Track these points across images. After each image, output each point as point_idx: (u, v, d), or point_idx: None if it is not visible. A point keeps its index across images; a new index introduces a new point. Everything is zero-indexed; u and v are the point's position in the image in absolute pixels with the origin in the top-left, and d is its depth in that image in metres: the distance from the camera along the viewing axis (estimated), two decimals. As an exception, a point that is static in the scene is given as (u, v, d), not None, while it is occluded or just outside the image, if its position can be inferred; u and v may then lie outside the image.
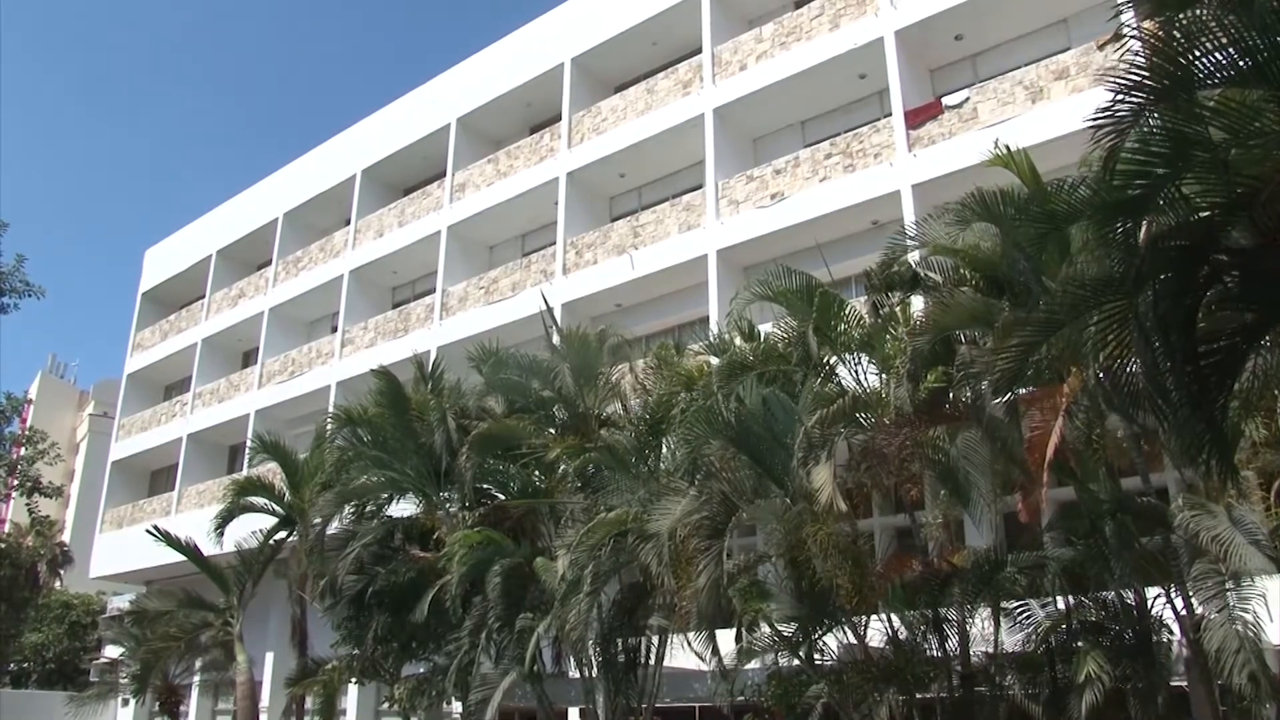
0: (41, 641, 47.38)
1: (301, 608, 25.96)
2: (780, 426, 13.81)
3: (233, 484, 28.03)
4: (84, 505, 56.98)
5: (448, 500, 20.36)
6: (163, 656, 27.05)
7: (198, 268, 41.79)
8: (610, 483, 16.61)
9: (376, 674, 21.65)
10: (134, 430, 41.97)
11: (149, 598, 31.05)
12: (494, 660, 17.75)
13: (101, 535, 40.92)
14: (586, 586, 15.02)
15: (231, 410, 36.39)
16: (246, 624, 27.08)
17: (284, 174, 39.24)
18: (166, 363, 42.06)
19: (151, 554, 31.44)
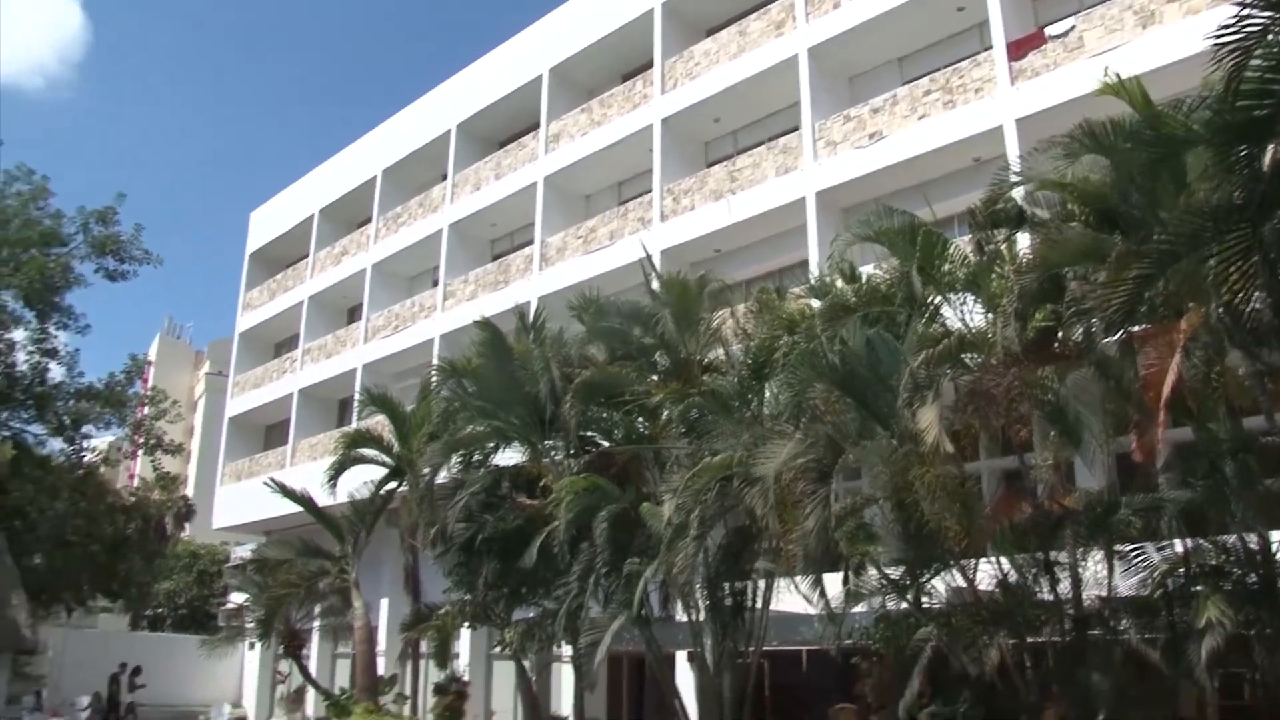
0: (173, 589, 49.47)
1: (413, 555, 26.63)
2: (885, 368, 13.68)
3: (343, 437, 28.78)
4: (204, 460, 58.99)
5: (553, 448, 20.62)
6: (284, 602, 28.05)
7: (301, 227, 42.65)
8: (714, 427, 16.62)
9: (488, 618, 22.13)
10: (247, 387, 43.21)
11: (269, 547, 32.14)
12: (602, 604, 18.00)
13: (222, 488, 42.38)
14: (692, 531, 15.10)
15: (339, 365, 37.23)
16: (361, 571, 27.90)
17: (381, 132, 39.72)
18: (275, 321, 43.13)
19: (269, 505, 32.52)
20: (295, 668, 31.20)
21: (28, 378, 31.68)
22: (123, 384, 33.24)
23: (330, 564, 28.24)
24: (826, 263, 17.55)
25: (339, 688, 29.33)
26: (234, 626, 33.38)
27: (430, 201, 35.82)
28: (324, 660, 34.77)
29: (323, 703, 29.04)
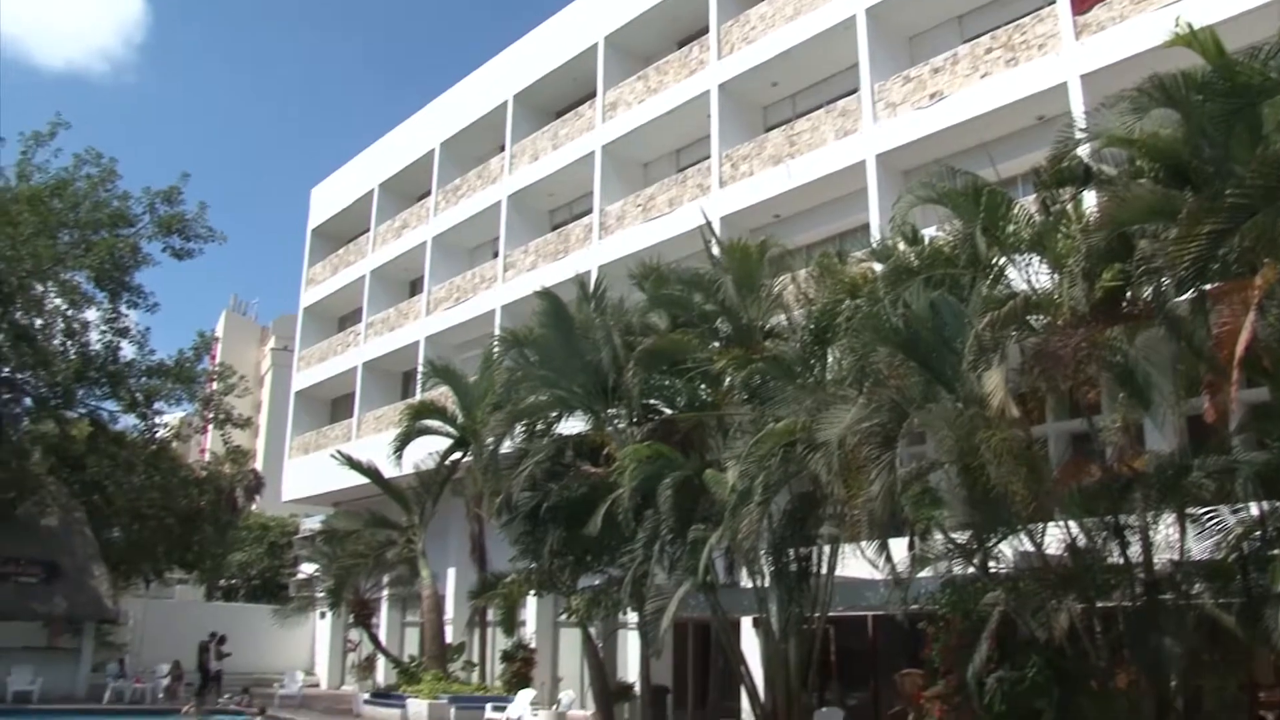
0: (245, 560, 50.51)
1: (479, 524, 26.97)
2: (949, 331, 13.53)
3: (408, 408, 29.16)
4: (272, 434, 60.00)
5: (615, 416, 20.70)
6: (353, 572, 28.59)
7: (361, 202, 43.03)
8: (777, 393, 16.57)
9: (554, 586, 22.34)
10: (313, 361, 43.83)
11: (337, 518, 32.74)
12: (667, 571, 18.08)
13: (290, 461, 43.12)
14: (757, 497, 15.10)
15: (402, 338, 37.62)
16: (428, 541, 28.32)
17: (438, 105, 39.87)
18: (338, 295, 43.64)
19: (337, 477, 33.07)
20: (365, 636, 31.83)
21: (101, 356, 32.36)
22: (192, 360, 33.82)
23: (397, 534, 28.71)
24: (888, 226, 17.38)
25: (408, 655, 29.84)
26: (304, 596, 34.06)
27: (489, 173, 35.95)
28: (393, 629, 35.34)
29: (392, 670, 29.57)
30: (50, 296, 31.52)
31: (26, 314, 30.84)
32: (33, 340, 30.49)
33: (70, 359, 31.05)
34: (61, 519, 30.57)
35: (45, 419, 32.46)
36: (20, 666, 27.14)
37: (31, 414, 32.38)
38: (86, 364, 31.65)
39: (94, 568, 29.92)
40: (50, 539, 29.81)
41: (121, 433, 34.05)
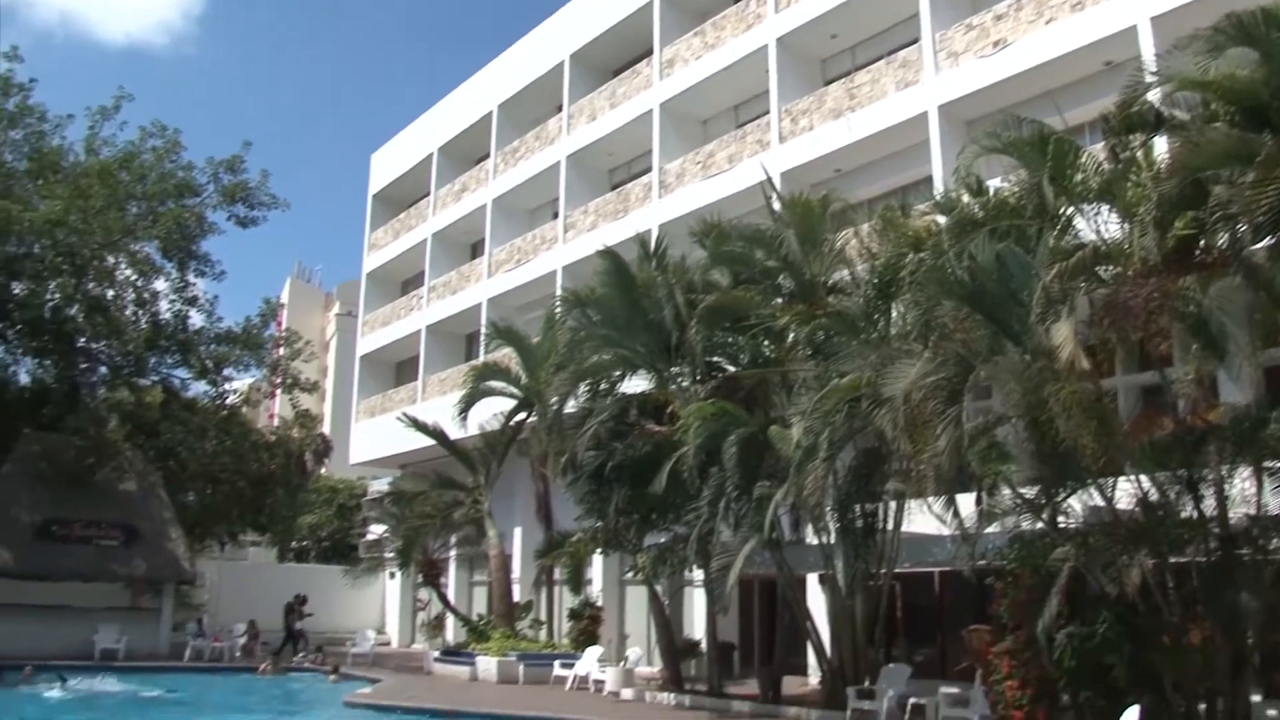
0: (315, 522, 51.43)
1: (544, 484, 27.18)
2: (1016, 283, 13.34)
3: (471, 370, 29.40)
4: (339, 398, 60.77)
5: (679, 374, 20.73)
6: (421, 533, 29.01)
7: (421, 166, 43.21)
8: (840, 349, 16.50)
9: (619, 544, 22.48)
10: (376, 326, 44.29)
11: (404, 480, 33.18)
12: (733, 528, 18.12)
13: (357, 425, 43.71)
14: (822, 453, 15.06)
15: (464, 301, 37.85)
16: (494, 501, 28.62)
17: (495, 67, 39.82)
18: (400, 260, 43.98)
19: (403, 440, 33.49)
20: (434, 595, 32.29)
21: (171, 325, 33.00)
22: (258, 327, 34.36)
23: (464, 495, 29.05)
24: (952, 177, 17.14)
25: (476, 614, 30.23)
26: (374, 557, 34.63)
27: (547, 134, 35.92)
28: (461, 588, 35.82)
29: (462, 628, 30.00)
30: (121, 267, 32.16)
31: (99, 285, 31.52)
32: (106, 310, 31.16)
33: (141, 328, 31.69)
34: (139, 484, 31.29)
35: (120, 387, 33.24)
36: (106, 626, 27.95)
37: (106, 382, 33.17)
38: (157, 333, 32.29)
39: (171, 531, 30.63)
40: (128, 503, 30.55)
41: (193, 399, 34.75)
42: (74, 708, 20.69)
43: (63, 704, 21.04)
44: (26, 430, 30.91)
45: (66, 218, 28.89)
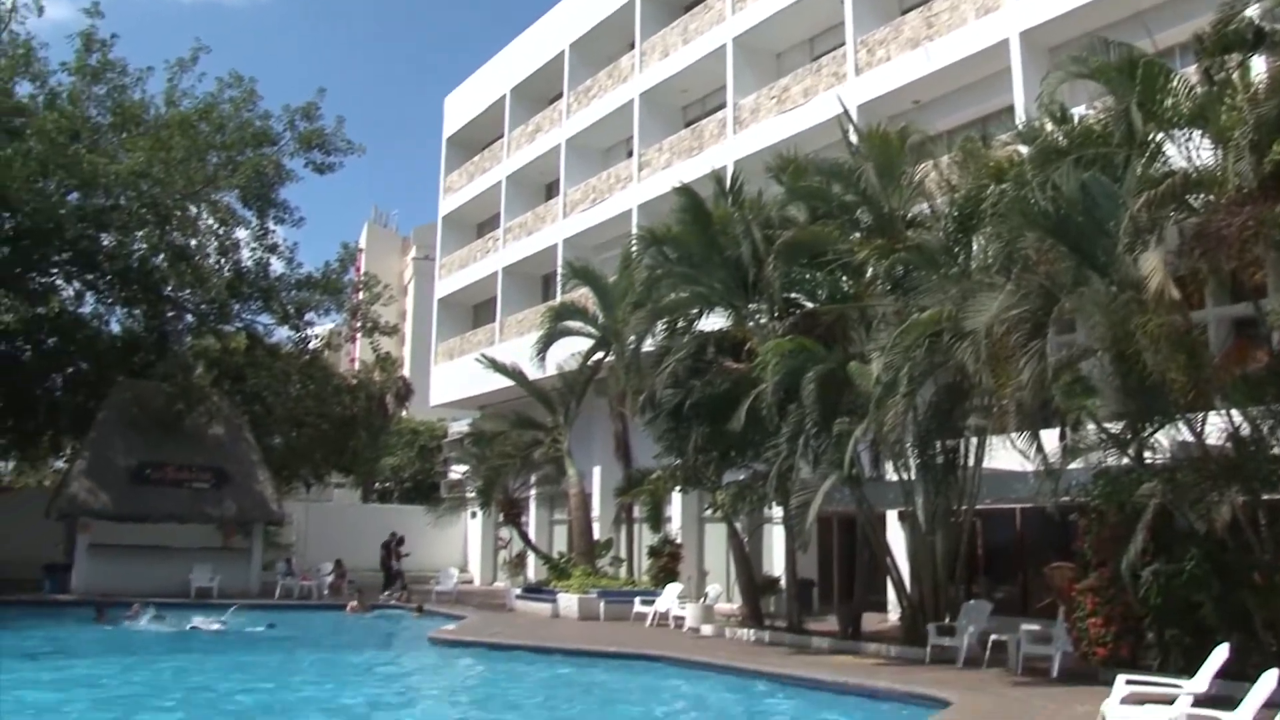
0: (397, 464, 52.48)
1: (623, 423, 27.34)
2: (1102, 213, 13.03)
3: (549, 311, 29.56)
4: (417, 341, 61.65)
5: (756, 311, 20.63)
6: (501, 473, 29.39)
7: (494, 108, 43.18)
8: (920, 283, 16.30)
9: (698, 482, 22.57)
10: (453, 268, 44.63)
11: (484, 421, 33.61)
12: (812, 465, 18.07)
13: (436, 367, 44.25)
14: (902, 389, 14.94)
15: (540, 242, 37.96)
16: (573, 440, 28.86)
17: (566, 5, 39.49)
18: (475, 202, 44.16)
19: (482, 381, 33.86)
20: (515, 534, 32.76)
21: (253, 272, 33.62)
22: (338, 272, 34.83)
23: (543, 434, 29.34)
24: (1035, 106, 16.71)
25: (557, 552, 30.64)
26: (456, 497, 35.23)
27: (619, 72, 35.64)
28: (541, 526, 36.29)
29: (542, 566, 30.42)
30: (203, 216, 32.77)
31: (182, 235, 32.17)
32: (190, 259, 31.81)
33: (225, 276, 32.31)
34: (226, 428, 32.09)
35: (205, 334, 34.03)
36: (200, 565, 28.86)
37: (193, 330, 34.00)
38: (240, 280, 32.93)
39: (258, 473, 31.42)
40: (218, 447, 31.37)
41: (276, 345, 35.46)
42: (182, 642, 21.45)
43: (171, 638, 21.84)
44: (119, 378, 31.84)
45: (149, 169, 29.47)
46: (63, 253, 31.70)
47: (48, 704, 14.18)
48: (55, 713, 13.78)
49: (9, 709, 13.67)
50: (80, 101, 31.27)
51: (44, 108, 30.50)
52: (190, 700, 14.70)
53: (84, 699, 14.76)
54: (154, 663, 18.56)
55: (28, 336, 31.65)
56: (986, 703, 12.51)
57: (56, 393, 35.06)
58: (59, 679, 16.30)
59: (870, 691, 14.19)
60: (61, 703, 14.39)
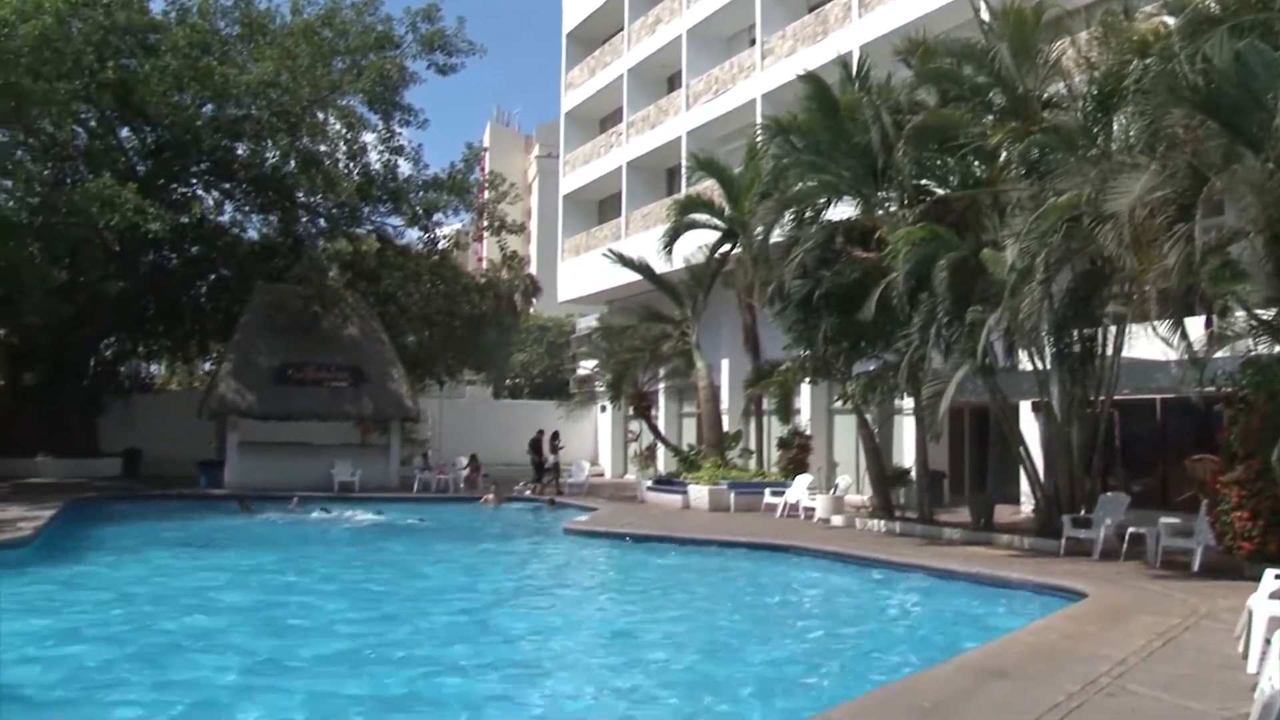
0: (527, 360, 53.41)
1: (751, 314, 27.25)
2: (1259, 85, 12.30)
3: (674, 204, 29.40)
4: (543, 239, 62.12)
5: (886, 199, 20.21)
6: (630, 367, 29.68)
7: (613, 1, 42.53)
8: (1057, 166, 15.71)
9: (828, 373, 22.48)
10: (577, 165, 44.60)
11: (612, 315, 33.88)
12: (944, 355, 17.81)
13: (563, 264, 44.59)
14: (1038, 275, 14.54)
15: (663, 135, 37.59)
16: (701, 333, 28.92)
17: (684, -108, 38.46)
18: (597, 98, 43.84)
19: (608, 276, 34.02)
20: (645, 427, 33.17)
21: (381, 175, 34.23)
22: (463, 172, 35.25)
23: (671, 328, 29.47)
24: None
25: (687, 444, 30.94)
26: (585, 391, 35.69)
27: (740, -43, 34.69)
28: (671, 419, 36.64)
29: (672, 458, 30.79)
30: (330, 122, 33.33)
31: (312, 141, 32.84)
32: (320, 165, 32.50)
33: (354, 180, 32.92)
34: (361, 328, 32.97)
35: (338, 238, 34.86)
36: (341, 461, 30.01)
37: (325, 234, 34.85)
38: (369, 183, 33.58)
39: (393, 372, 32.29)
40: (354, 347, 32.31)
41: (406, 246, 36.18)
42: (338, 533, 22.50)
43: (327, 529, 22.96)
44: (259, 282, 32.91)
45: (277, 78, 30.06)
46: (201, 163, 32.75)
47: (217, 587, 15.09)
48: (233, 595, 14.62)
49: (177, 593, 14.60)
50: (209, 15, 31.99)
51: (176, 24, 31.25)
52: (348, 588, 15.46)
53: (255, 584, 15.70)
54: (311, 552, 19.56)
55: (174, 245, 32.92)
56: (1124, 595, 12.33)
57: (201, 299, 36.59)
58: (214, 565, 17.31)
59: (1004, 582, 14.13)
60: (234, 585, 15.38)
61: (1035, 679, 7.95)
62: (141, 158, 32.37)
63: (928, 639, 11.87)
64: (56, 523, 19.64)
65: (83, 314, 29.07)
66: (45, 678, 9.51)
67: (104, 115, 30.82)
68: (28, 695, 8.85)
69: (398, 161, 34.69)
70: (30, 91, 22.88)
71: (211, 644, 11.08)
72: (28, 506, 21.20)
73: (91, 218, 24.70)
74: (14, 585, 14.01)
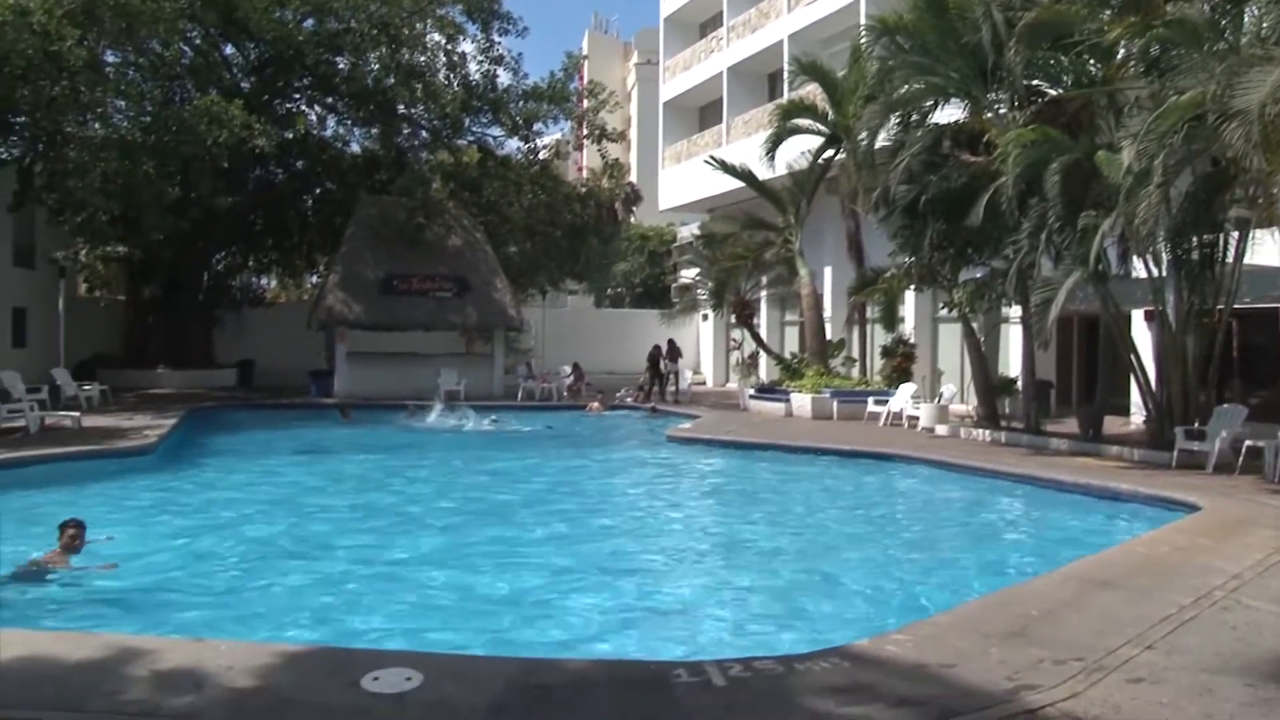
0: (628, 269, 53.45)
1: (855, 221, 26.86)
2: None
3: (777, 109, 28.89)
4: (643, 147, 61.56)
5: (996, 101, 19.57)
6: (732, 275, 29.55)
7: (714, -99, 41.48)
8: (1180, 62, 14.94)
9: (933, 280, 22.07)
10: (677, 71, 43.95)
11: (714, 223, 33.65)
12: (1054, 261, 17.36)
13: (664, 171, 44.25)
14: (1156, 178, 13.95)
15: (765, 39, 36.77)
16: (804, 240, 28.61)
17: None
18: (697, 2, 42.98)
19: (710, 183, 33.72)
20: (747, 335, 33.06)
21: (481, 86, 34.12)
22: (563, 81, 34.97)
23: (774, 235, 29.20)
24: None
25: (789, 352, 30.78)
26: (687, 300, 35.63)
27: None
28: (773, 327, 36.45)
29: (774, 367, 30.71)
30: (430, 33, 33.23)
31: (412, 53, 32.80)
32: (420, 76, 32.55)
33: (454, 91, 32.89)
34: (464, 239, 33.25)
35: (439, 149, 35.05)
36: (447, 370, 30.50)
37: (428, 146, 35.03)
38: (469, 94, 33.51)
39: (496, 281, 32.57)
40: (457, 258, 32.62)
41: (507, 156, 36.19)
42: (476, 439, 23.17)
43: (464, 435, 23.68)
44: (363, 195, 33.33)
45: (377, -10, 30.04)
46: (303, 79, 33.04)
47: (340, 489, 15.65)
48: (363, 495, 15.22)
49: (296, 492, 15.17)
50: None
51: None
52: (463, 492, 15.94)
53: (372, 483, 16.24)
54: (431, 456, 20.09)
55: (279, 160, 33.43)
56: (1239, 509, 11.99)
57: (307, 213, 37.26)
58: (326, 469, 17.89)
59: (1113, 493, 13.87)
60: (361, 487, 15.96)
61: (1145, 591, 7.82)
62: (246, 74, 32.79)
63: (1033, 548, 11.77)
64: (178, 431, 20.39)
65: (196, 230, 29.80)
66: (178, 574, 9.98)
67: (208, 33, 31.19)
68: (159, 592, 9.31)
69: (497, 71, 34.60)
70: (139, 11, 23.24)
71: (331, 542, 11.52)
72: (152, 415, 22.09)
73: (200, 135, 25.15)
74: (142, 487, 14.76)
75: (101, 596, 8.94)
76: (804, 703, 5.33)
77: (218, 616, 8.49)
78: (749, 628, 8.57)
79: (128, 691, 5.30)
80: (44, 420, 19.34)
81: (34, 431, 18.34)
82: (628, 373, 32.94)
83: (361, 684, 5.43)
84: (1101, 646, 6.31)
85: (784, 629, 8.40)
